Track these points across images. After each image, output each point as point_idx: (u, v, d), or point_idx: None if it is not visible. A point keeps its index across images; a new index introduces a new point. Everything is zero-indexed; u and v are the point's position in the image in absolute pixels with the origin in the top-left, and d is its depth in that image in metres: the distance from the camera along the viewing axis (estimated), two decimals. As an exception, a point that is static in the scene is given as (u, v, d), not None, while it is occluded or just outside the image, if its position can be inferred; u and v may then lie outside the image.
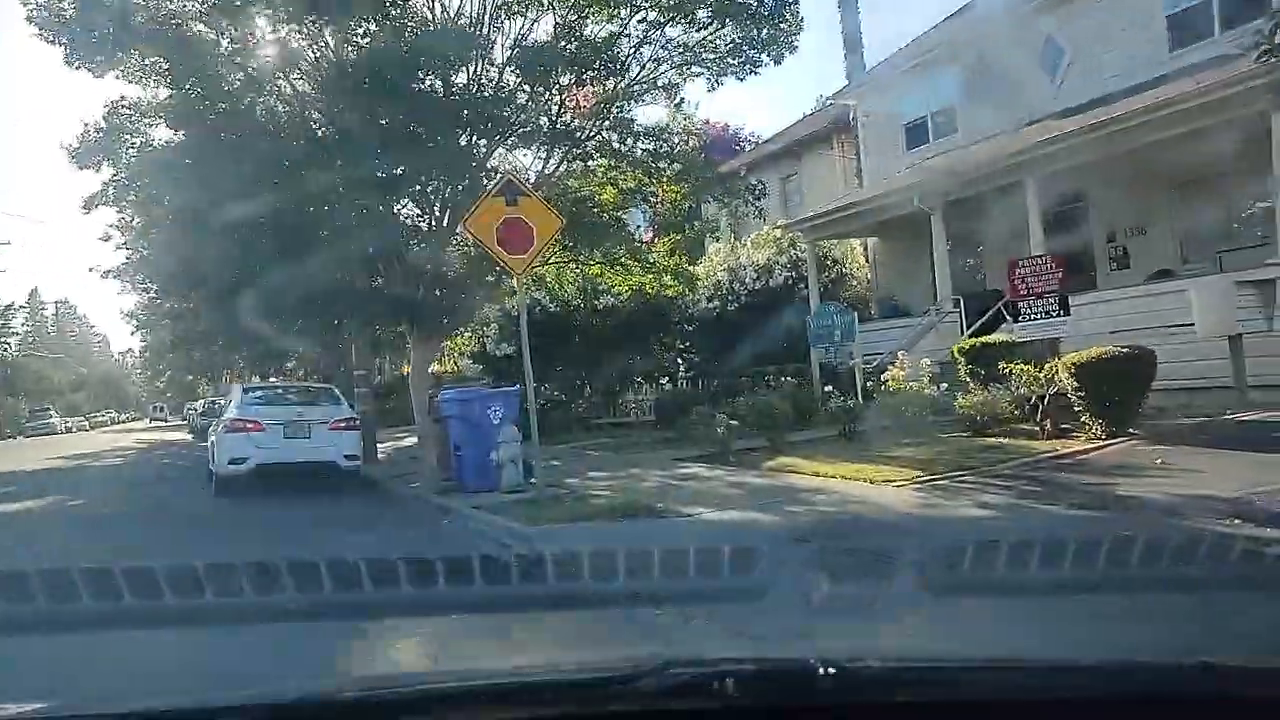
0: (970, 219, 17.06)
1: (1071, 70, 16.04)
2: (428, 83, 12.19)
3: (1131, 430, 10.10)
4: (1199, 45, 14.05)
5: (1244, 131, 12.08)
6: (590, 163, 12.51)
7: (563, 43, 11.61)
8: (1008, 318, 15.78)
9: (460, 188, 12.50)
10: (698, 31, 12.22)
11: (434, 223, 13.38)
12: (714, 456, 11.52)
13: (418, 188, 12.34)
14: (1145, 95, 13.46)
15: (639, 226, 15.73)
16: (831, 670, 1.43)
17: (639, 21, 12.29)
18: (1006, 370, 11.03)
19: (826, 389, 13.60)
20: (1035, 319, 11.35)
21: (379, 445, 17.65)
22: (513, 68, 11.64)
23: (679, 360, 20.41)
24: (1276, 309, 11.11)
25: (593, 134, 11.82)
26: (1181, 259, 14.66)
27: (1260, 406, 10.67)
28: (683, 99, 14.69)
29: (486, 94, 11.94)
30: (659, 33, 12.68)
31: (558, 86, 11.40)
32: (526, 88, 11.96)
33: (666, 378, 20.00)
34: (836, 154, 24.25)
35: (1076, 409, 10.55)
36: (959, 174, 15.61)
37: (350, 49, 12.25)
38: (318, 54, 12.56)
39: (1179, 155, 13.21)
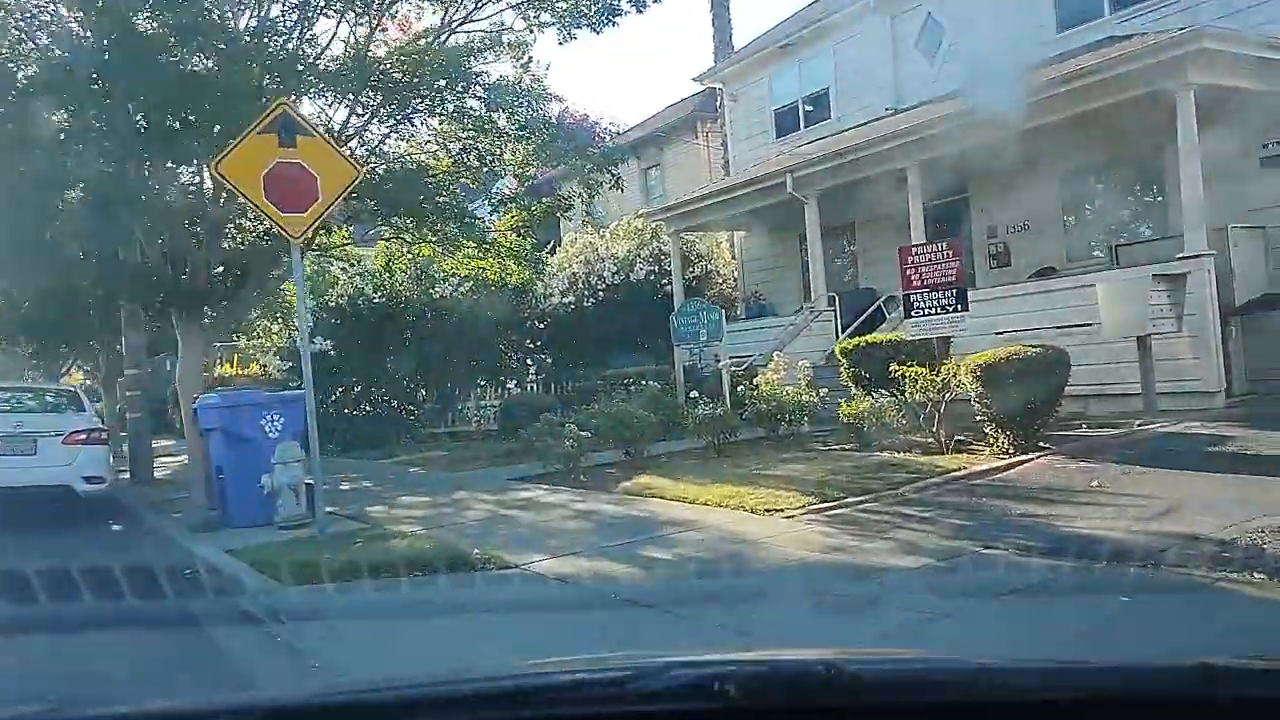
0: (846, 212, 15.77)
1: (954, 51, 14.91)
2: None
3: (1042, 444, 8.71)
4: (1089, 25, 13.10)
5: (1141, 115, 11.06)
6: (410, 112, 10.15)
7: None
8: (888, 317, 14.52)
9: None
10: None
11: (216, 193, 10.72)
12: (561, 475, 9.50)
13: (187, 141, 9.66)
14: (1033, 75, 12.35)
15: (475, 202, 13.42)
16: (833, 671, 1.40)
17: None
18: (898, 373, 9.49)
19: (692, 394, 11.89)
20: (931, 314, 9.87)
21: (163, 461, 14.74)
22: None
23: (529, 361, 18.26)
24: (1185, 307, 10.04)
25: (412, 76, 9.47)
26: (1066, 257, 13.68)
27: (1171, 416, 9.52)
28: (530, 58, 12.56)
29: (278, 22, 9.43)
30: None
31: (361, 5, 9.05)
32: (331, 14, 9.51)
33: (514, 381, 17.78)
34: (701, 143, 22.70)
35: (979, 418, 9.12)
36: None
37: None
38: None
39: (1069, 142, 12.15)
